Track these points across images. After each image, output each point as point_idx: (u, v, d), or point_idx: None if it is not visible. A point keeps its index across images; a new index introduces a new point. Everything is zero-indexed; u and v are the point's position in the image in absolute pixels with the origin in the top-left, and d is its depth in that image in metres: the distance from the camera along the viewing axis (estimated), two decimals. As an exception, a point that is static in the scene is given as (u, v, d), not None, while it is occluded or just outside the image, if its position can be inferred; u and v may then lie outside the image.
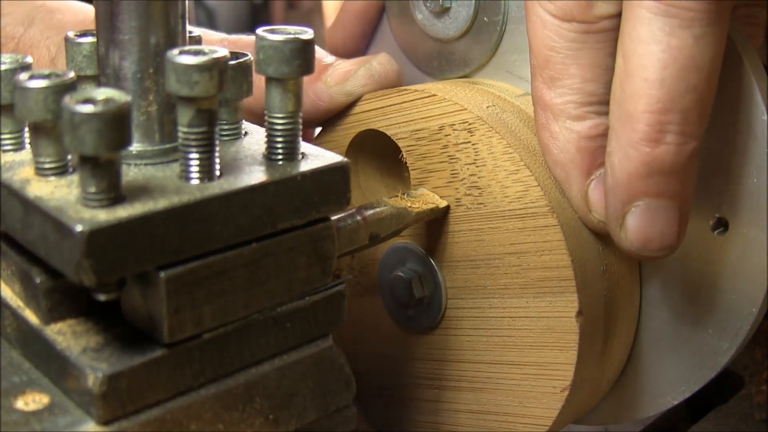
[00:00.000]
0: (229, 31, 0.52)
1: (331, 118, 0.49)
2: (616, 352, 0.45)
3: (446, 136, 0.44)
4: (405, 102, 0.45)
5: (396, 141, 0.46)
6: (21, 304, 0.35)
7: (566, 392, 0.42)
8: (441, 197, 0.44)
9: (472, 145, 0.43)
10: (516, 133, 0.43)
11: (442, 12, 0.49)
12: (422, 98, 0.45)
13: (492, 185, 0.42)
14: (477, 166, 0.43)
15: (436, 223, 0.45)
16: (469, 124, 0.43)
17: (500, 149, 0.42)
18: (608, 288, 0.43)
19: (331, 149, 0.36)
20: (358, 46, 0.55)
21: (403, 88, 0.46)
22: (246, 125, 0.39)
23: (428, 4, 0.49)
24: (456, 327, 0.45)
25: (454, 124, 0.43)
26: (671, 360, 0.45)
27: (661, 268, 0.44)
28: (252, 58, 0.38)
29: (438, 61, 0.50)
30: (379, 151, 0.48)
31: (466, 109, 0.43)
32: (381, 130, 0.46)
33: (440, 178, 0.44)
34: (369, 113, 0.47)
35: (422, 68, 0.51)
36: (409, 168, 0.45)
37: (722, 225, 0.42)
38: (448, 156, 0.44)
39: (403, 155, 0.45)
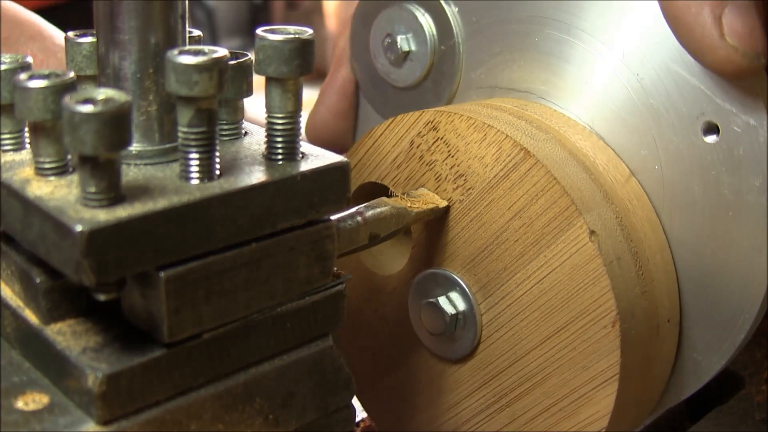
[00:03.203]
0: (229, 31, 0.52)
1: None
2: (659, 279, 0.43)
3: (418, 147, 0.45)
4: (375, 141, 0.46)
5: (381, 182, 0.46)
6: (21, 304, 0.35)
7: (617, 325, 0.40)
8: None
9: (441, 139, 0.44)
10: (475, 111, 0.44)
11: (403, 59, 0.51)
12: (387, 126, 0.46)
13: (471, 163, 0.43)
14: (452, 156, 0.43)
15: (440, 234, 0.45)
16: (432, 122, 0.44)
17: (464, 126, 0.43)
18: (617, 211, 0.42)
19: None
20: (343, 124, 0.56)
21: (368, 132, 0.47)
22: (246, 125, 0.39)
23: (389, 55, 0.51)
24: (497, 329, 0.44)
25: (420, 132, 0.44)
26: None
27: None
28: (252, 58, 0.38)
29: (413, 107, 0.50)
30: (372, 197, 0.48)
31: (424, 111, 0.44)
32: (367, 181, 0.47)
33: (428, 188, 0.45)
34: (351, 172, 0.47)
35: (382, 114, 0.53)
36: (400, 197, 0.45)
37: (713, 130, 0.42)
38: (427, 164, 0.44)
39: (391, 191, 0.46)
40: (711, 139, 0.41)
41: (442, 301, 0.45)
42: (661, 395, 0.47)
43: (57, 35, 0.59)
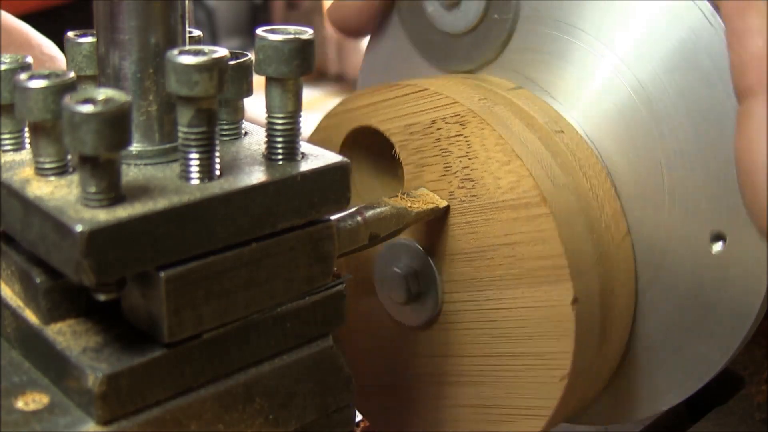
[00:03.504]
0: (229, 31, 0.52)
1: (323, 117, 0.49)
2: (614, 342, 0.45)
3: (438, 129, 0.44)
4: (397, 97, 0.45)
5: (389, 137, 0.46)
6: (21, 304, 0.35)
7: (565, 381, 0.42)
8: (434, 191, 0.44)
9: (464, 138, 0.43)
10: (507, 125, 0.43)
11: (453, 6, 0.48)
12: (414, 92, 0.45)
13: (484, 177, 0.42)
14: (469, 159, 0.43)
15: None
16: (461, 117, 0.43)
17: (492, 141, 0.42)
18: (603, 276, 0.43)
19: (323, 148, 0.37)
20: (363, 24, 0.53)
21: (394, 83, 0.46)
22: (246, 125, 0.39)
23: None
24: (454, 321, 0.45)
25: (446, 118, 0.43)
26: (667, 361, 0.45)
27: (658, 269, 0.44)
28: (252, 58, 0.38)
29: (444, 53, 0.50)
30: (373, 149, 0.48)
31: (457, 102, 0.43)
32: (374, 126, 0.46)
33: (433, 172, 0.44)
34: (361, 110, 0.47)
35: (428, 59, 0.51)
36: (403, 163, 0.45)
37: (720, 239, 0.42)
38: (441, 150, 0.44)
39: (396, 150, 0.46)
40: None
41: (411, 276, 0.45)
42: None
43: (46, 44, 0.59)
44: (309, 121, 0.41)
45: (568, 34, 0.45)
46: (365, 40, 0.55)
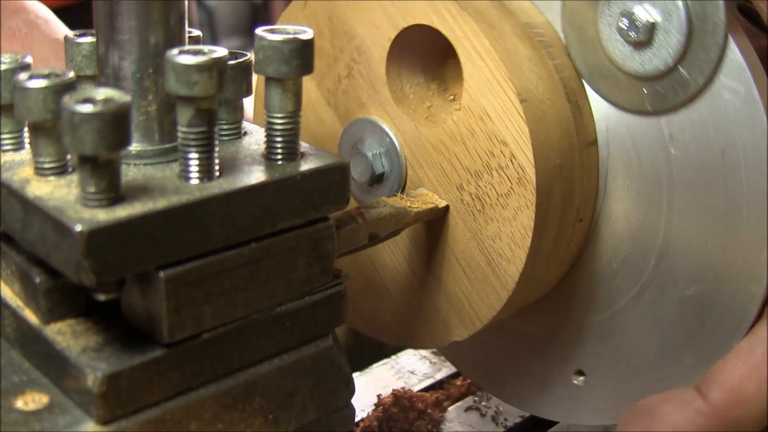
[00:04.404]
0: (229, 31, 0.52)
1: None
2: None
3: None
4: None
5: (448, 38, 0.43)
6: (21, 304, 0.35)
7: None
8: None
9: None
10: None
11: (644, 42, 0.41)
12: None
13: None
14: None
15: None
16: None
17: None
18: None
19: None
20: None
21: None
22: (246, 125, 0.39)
23: (625, 33, 0.42)
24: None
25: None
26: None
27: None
28: (252, 58, 0.38)
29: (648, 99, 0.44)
30: (422, 52, 0.46)
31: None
32: (435, 25, 0.43)
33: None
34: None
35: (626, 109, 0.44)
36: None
37: None
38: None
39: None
40: None
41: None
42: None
43: (40, 8, 0.59)
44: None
45: None
46: None
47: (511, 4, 0.45)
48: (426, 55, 0.46)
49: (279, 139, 0.35)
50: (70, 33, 0.39)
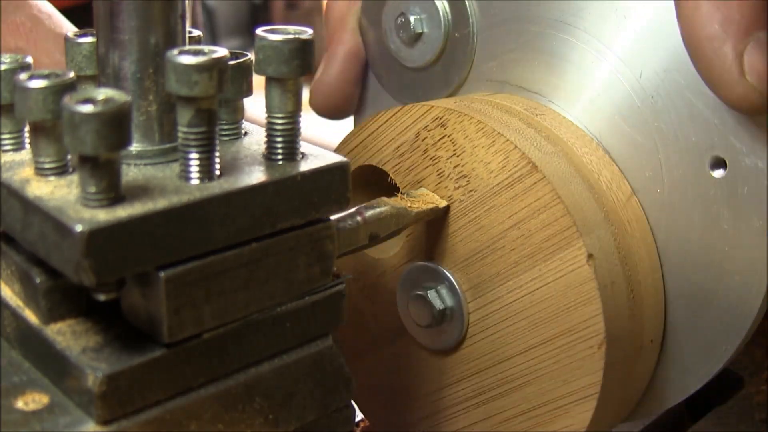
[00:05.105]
0: (230, 31, 0.52)
1: None
2: (647, 302, 0.44)
3: (423, 140, 0.44)
4: (380, 126, 0.46)
5: (382, 168, 0.46)
6: (21, 304, 0.35)
7: (603, 347, 0.41)
8: None
9: (448, 137, 0.43)
10: (485, 113, 0.44)
11: (415, 40, 0.49)
12: (393, 114, 0.46)
13: (475, 167, 0.43)
14: (458, 156, 0.43)
15: (436, 228, 0.45)
16: (440, 119, 0.44)
17: (473, 129, 0.43)
18: (616, 233, 0.42)
19: None
20: (350, 90, 0.55)
21: (373, 115, 0.47)
22: (246, 125, 0.39)
23: (401, 34, 0.50)
24: (483, 329, 0.45)
25: (427, 126, 0.44)
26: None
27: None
28: (252, 58, 0.38)
29: (421, 89, 0.51)
30: (368, 184, 0.48)
31: (434, 106, 0.44)
32: (367, 163, 0.47)
33: (429, 183, 0.45)
34: (353, 151, 0.47)
35: (406, 101, 0.51)
36: (399, 186, 0.46)
37: (720, 165, 0.42)
38: (430, 159, 0.44)
39: (391, 177, 0.46)
40: (718, 173, 0.41)
41: (431, 294, 0.45)
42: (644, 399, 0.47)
43: (42, 3, 0.59)
44: (309, 121, 0.41)
45: (552, 27, 0.46)
46: None
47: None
48: None
49: (279, 139, 0.35)
50: (72, 30, 0.39)
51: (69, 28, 0.59)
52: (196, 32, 0.40)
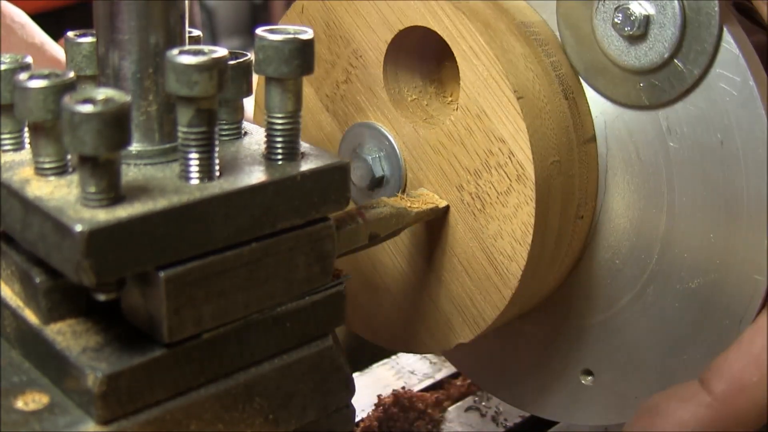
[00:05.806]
0: (230, 31, 0.52)
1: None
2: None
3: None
4: None
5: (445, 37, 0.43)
6: (21, 304, 0.35)
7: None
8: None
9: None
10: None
11: (639, 36, 0.42)
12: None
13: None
14: None
15: None
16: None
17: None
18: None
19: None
20: None
21: None
22: (246, 125, 0.39)
23: (620, 27, 0.42)
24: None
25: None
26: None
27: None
28: (252, 58, 0.38)
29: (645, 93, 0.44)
30: (419, 54, 0.46)
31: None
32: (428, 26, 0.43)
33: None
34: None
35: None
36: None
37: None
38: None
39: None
40: None
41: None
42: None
43: (15, 12, 0.59)
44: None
45: None
46: None
47: (506, 4, 0.45)
48: (423, 57, 0.46)
49: (279, 139, 0.35)
50: (47, 37, 0.39)
51: (42, 39, 0.58)
52: (196, 32, 0.40)
